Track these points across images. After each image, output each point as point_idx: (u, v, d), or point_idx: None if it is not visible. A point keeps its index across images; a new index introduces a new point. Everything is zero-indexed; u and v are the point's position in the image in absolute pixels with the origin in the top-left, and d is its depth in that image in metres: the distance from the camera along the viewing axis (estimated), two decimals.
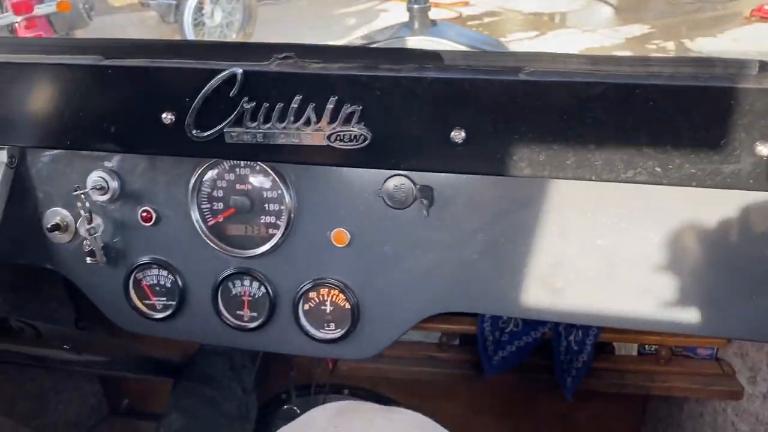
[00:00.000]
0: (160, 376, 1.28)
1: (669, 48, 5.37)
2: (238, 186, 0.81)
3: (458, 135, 0.63)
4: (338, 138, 0.66)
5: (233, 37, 5.13)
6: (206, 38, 5.21)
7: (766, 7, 6.00)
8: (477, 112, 0.62)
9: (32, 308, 1.31)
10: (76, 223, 0.85)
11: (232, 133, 0.67)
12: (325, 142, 0.66)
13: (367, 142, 0.66)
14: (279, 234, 0.81)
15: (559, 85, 0.60)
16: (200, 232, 0.82)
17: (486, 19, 6.53)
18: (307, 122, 0.66)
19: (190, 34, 5.18)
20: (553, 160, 0.63)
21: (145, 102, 0.68)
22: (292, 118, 0.66)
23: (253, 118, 0.66)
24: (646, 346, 1.49)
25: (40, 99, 0.70)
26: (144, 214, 0.83)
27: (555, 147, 0.62)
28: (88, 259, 0.83)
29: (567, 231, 0.74)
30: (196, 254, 0.84)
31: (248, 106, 0.66)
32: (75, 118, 0.70)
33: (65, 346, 1.01)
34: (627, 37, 5.75)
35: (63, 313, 1.37)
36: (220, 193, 0.82)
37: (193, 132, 0.68)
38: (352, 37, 5.92)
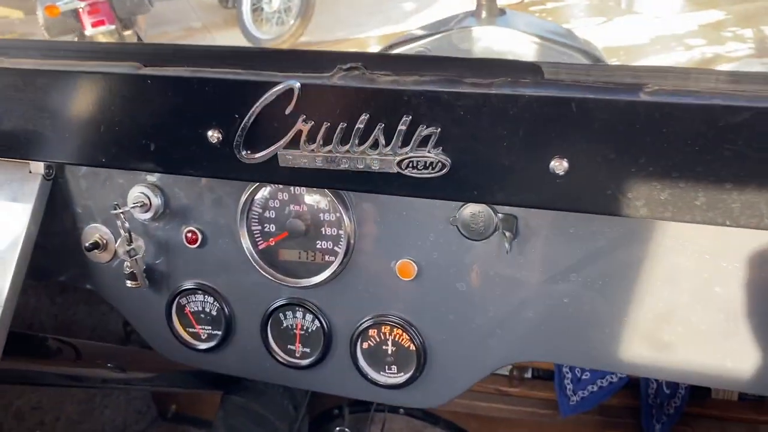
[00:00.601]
0: (209, 389, 1.22)
1: (747, 36, 5.04)
2: (292, 207, 0.72)
3: (560, 165, 0.52)
4: (411, 165, 0.55)
5: (291, 23, 5.07)
6: (264, 24, 5.18)
7: None
8: (584, 139, 0.51)
9: (81, 312, 1.27)
10: (116, 242, 0.77)
11: (287, 156, 0.58)
12: (395, 169, 0.56)
13: (445, 170, 0.55)
14: (337, 262, 0.71)
15: (691, 108, 0.47)
16: (249, 256, 0.73)
17: (549, 5, 6.27)
18: (375, 145, 0.55)
19: (248, 20, 5.16)
20: (679, 200, 0.50)
21: (189, 117, 0.59)
22: (356, 141, 0.55)
23: (312, 140, 0.56)
24: None
25: (74, 110, 0.62)
26: (189, 234, 0.75)
27: (682, 184, 0.50)
28: (129, 283, 0.76)
29: (678, 276, 0.62)
30: (244, 281, 0.75)
31: (306, 126, 0.56)
32: (111, 133, 0.61)
33: (108, 365, 0.94)
34: (700, 24, 5.42)
35: (112, 317, 1.32)
36: (273, 214, 0.73)
37: (243, 153, 0.58)
38: (412, 23, 5.78)
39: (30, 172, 0.76)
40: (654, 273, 0.62)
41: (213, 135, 0.58)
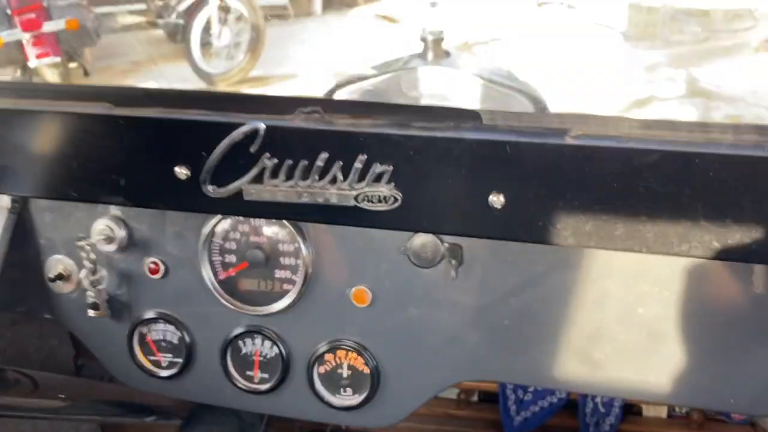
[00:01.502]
0: (163, 421, 1.22)
1: (677, 76, 5.37)
2: (252, 238, 0.76)
3: (497, 200, 0.58)
4: (366, 198, 0.61)
5: (240, 58, 5.12)
6: (213, 58, 5.21)
7: None
8: (518, 177, 0.57)
9: (31, 344, 1.26)
10: (79, 272, 0.79)
11: (251, 190, 0.63)
12: (352, 203, 0.61)
13: (397, 203, 0.61)
14: (295, 290, 0.76)
15: (609, 150, 0.55)
16: (210, 286, 0.77)
17: (491, 44, 6.52)
18: (333, 181, 0.61)
19: (197, 54, 5.18)
20: (600, 230, 0.58)
21: (158, 155, 0.63)
22: (316, 177, 0.61)
23: (275, 175, 0.62)
24: (677, 409, 1.41)
25: (47, 147, 0.65)
26: (152, 265, 0.78)
27: (603, 217, 0.57)
28: (91, 312, 0.78)
29: (606, 298, 0.69)
30: (205, 310, 0.79)
31: (270, 163, 0.61)
32: (82, 169, 0.65)
33: (61, 396, 0.95)
34: (635, 65, 5.74)
35: (62, 350, 1.31)
36: (233, 246, 0.77)
37: (209, 188, 0.63)
38: (359, 60, 5.91)
39: None
40: (584, 296, 0.69)
41: (181, 171, 0.63)
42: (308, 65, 5.75)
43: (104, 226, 0.77)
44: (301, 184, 0.61)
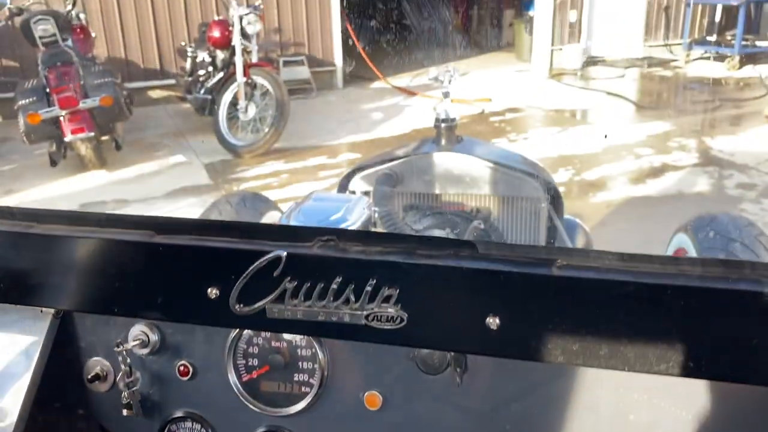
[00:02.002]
0: None
1: (690, 145, 5.45)
2: (273, 343, 0.83)
3: (493, 321, 0.65)
4: (376, 318, 0.68)
5: (265, 131, 5.31)
6: (239, 131, 5.42)
7: None
8: (511, 302, 0.64)
9: None
10: (115, 373, 0.87)
11: (274, 309, 0.70)
12: (363, 322, 0.68)
13: (403, 323, 0.68)
14: (312, 393, 0.82)
15: (590, 281, 0.62)
16: (235, 388, 0.84)
17: (508, 115, 6.71)
18: (346, 302, 0.68)
19: (224, 128, 5.39)
20: (587, 350, 0.64)
21: (193, 277, 0.71)
22: (332, 298, 0.68)
23: (294, 296, 0.69)
24: None
25: (93, 269, 0.74)
26: (182, 368, 0.85)
27: (588, 338, 0.63)
28: (125, 412, 0.85)
29: (598, 406, 0.74)
30: (230, 410, 0.85)
31: (290, 285, 0.69)
32: (125, 289, 0.73)
33: None
34: (648, 134, 5.86)
35: None
36: (256, 350, 0.84)
37: (236, 307, 0.71)
38: (379, 132, 6.10)
39: (41, 311, 0.86)
40: (579, 403, 0.74)
41: (212, 291, 0.71)
42: (330, 137, 5.95)
43: (140, 331, 0.85)
44: (317, 304, 0.69)
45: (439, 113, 1.94)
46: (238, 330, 0.82)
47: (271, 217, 2.06)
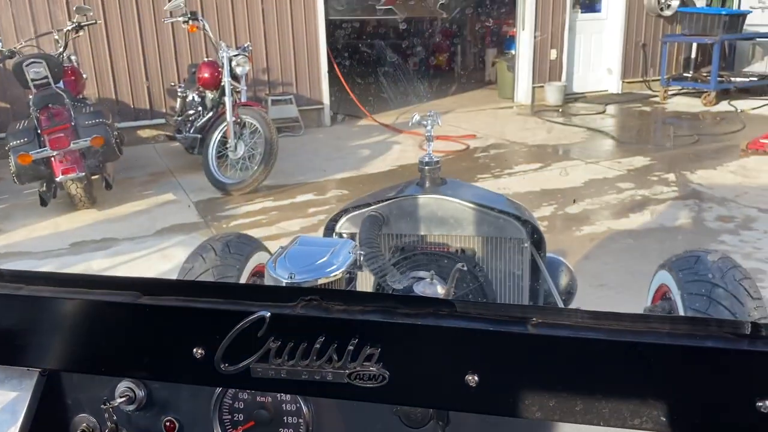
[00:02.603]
0: None
1: (670, 179, 5.55)
2: (258, 398, 0.84)
3: (472, 379, 0.67)
4: (358, 377, 0.70)
5: (254, 168, 5.35)
6: (228, 170, 5.45)
7: (762, 140, 6.30)
8: (489, 359, 0.66)
9: None
10: (101, 430, 0.87)
11: (258, 369, 0.72)
12: (345, 380, 0.70)
13: (385, 381, 0.69)
14: None
15: (564, 339, 0.64)
16: None
17: (492, 151, 6.81)
18: (329, 361, 0.70)
19: (214, 166, 5.43)
20: (563, 406, 0.66)
21: (178, 337, 0.73)
22: (314, 357, 0.70)
23: (278, 356, 0.71)
24: None
25: (81, 330, 0.75)
26: (168, 423, 0.86)
27: (564, 395, 0.65)
28: None
29: None
30: None
31: (274, 345, 0.71)
32: (111, 349, 0.75)
33: None
34: (629, 168, 5.96)
35: None
36: (241, 405, 0.85)
37: (221, 366, 0.72)
38: (367, 169, 6.16)
39: (28, 369, 0.87)
40: None
41: (197, 351, 0.72)
42: (318, 174, 5.99)
43: (126, 387, 0.86)
44: (301, 363, 0.70)
45: (423, 157, 1.98)
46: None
47: (258, 258, 2.07)
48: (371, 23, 12.79)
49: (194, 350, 0.72)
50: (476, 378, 0.67)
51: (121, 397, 0.85)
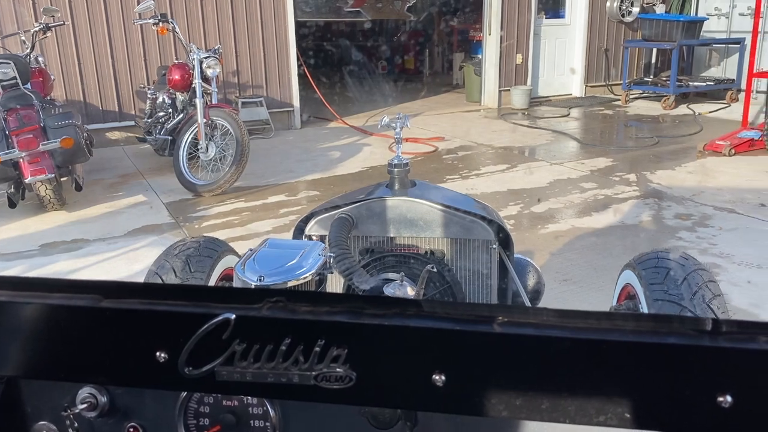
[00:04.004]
0: None
1: (631, 179, 5.67)
2: (224, 402, 0.83)
3: (439, 378, 0.67)
4: (325, 378, 0.69)
5: (226, 170, 5.31)
6: (199, 171, 5.40)
7: (718, 142, 6.52)
8: (456, 359, 0.66)
9: None
10: None
11: (223, 372, 0.70)
12: (312, 382, 0.69)
13: (352, 382, 0.69)
14: None
15: (529, 338, 0.64)
16: None
17: (460, 153, 6.87)
18: (296, 363, 0.69)
19: (184, 167, 5.37)
20: (529, 404, 0.66)
21: (141, 341, 0.71)
22: (281, 359, 0.69)
23: (244, 358, 0.70)
24: None
25: (40, 335, 0.73)
26: (131, 429, 0.84)
27: (530, 393, 0.65)
28: None
29: None
30: None
31: (239, 348, 0.69)
32: (72, 354, 0.73)
33: None
34: (592, 169, 6.07)
35: None
36: (207, 409, 0.83)
37: (185, 370, 0.71)
38: (337, 170, 6.15)
39: None
40: None
41: (161, 355, 0.71)
42: (289, 176, 5.96)
43: (88, 393, 0.84)
44: (267, 366, 0.69)
45: (392, 159, 1.99)
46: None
47: (227, 262, 2.05)
48: (340, 26, 12.79)
49: (157, 354, 0.71)
50: (443, 377, 0.67)
51: (82, 403, 0.83)
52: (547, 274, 3.11)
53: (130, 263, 3.95)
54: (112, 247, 4.26)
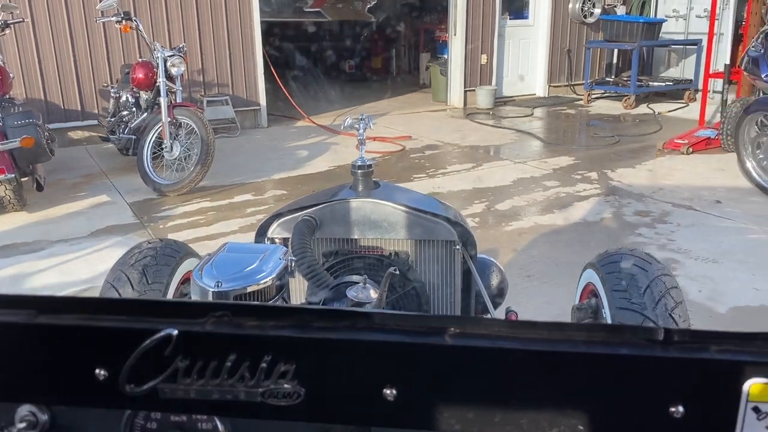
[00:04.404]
0: None
1: (593, 177, 5.76)
2: (172, 418, 0.80)
3: (390, 393, 0.65)
4: (272, 395, 0.67)
5: (191, 169, 5.23)
6: (164, 170, 5.30)
7: (677, 140, 6.69)
8: (407, 372, 0.65)
9: None
10: None
11: (166, 389, 0.68)
12: (259, 399, 0.67)
13: (301, 398, 0.66)
14: None
15: (480, 349, 0.63)
16: None
17: (427, 152, 6.89)
18: (241, 379, 0.67)
19: (149, 167, 5.27)
20: (482, 417, 0.65)
21: (79, 358, 0.68)
22: (226, 376, 0.66)
23: (187, 375, 0.67)
24: None
25: None
26: None
27: (482, 406, 0.64)
28: None
29: None
30: None
31: (182, 364, 0.67)
32: (6, 373, 0.69)
33: None
34: (554, 167, 6.15)
35: None
36: (154, 426, 0.80)
37: (127, 387, 0.68)
38: (304, 170, 6.10)
39: None
40: None
41: (100, 373, 0.68)
42: (256, 175, 5.89)
43: (27, 411, 0.80)
44: (212, 382, 0.67)
45: (355, 161, 1.97)
46: None
47: (188, 266, 2.01)
48: (305, 26, 12.68)
49: (97, 371, 0.67)
50: (394, 392, 0.65)
51: (21, 422, 0.79)
52: (511, 271, 3.13)
53: (93, 264, 3.86)
54: (75, 248, 4.15)
